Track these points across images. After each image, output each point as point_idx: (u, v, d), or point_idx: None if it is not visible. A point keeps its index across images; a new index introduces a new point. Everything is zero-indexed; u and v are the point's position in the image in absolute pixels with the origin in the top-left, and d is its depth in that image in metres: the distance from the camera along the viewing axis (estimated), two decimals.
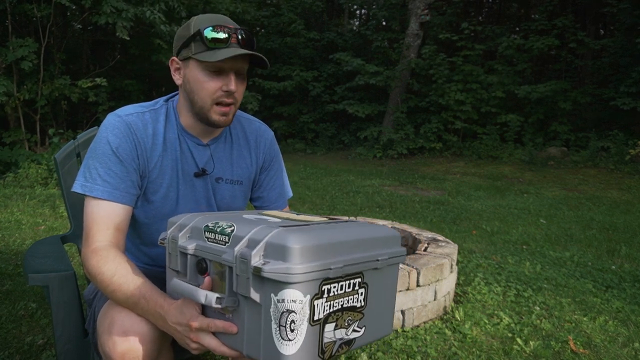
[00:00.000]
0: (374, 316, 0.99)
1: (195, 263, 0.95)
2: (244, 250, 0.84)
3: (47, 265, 1.32)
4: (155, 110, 1.24)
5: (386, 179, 7.73)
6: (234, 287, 0.86)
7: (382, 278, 1.00)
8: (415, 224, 4.46)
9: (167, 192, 1.23)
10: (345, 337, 0.93)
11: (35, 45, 6.45)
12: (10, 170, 6.10)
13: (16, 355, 1.89)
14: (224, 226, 0.92)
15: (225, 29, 1.12)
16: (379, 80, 11.00)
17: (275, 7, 14.02)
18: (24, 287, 2.55)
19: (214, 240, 0.92)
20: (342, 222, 1.04)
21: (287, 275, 0.80)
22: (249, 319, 0.87)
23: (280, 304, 0.82)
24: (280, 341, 0.83)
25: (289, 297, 0.81)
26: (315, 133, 12.72)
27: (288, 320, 0.82)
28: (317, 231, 0.90)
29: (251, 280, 0.83)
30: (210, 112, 1.17)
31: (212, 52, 1.12)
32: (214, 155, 1.28)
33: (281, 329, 0.82)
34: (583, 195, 6.38)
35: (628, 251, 3.76)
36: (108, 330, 1.01)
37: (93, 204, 1.12)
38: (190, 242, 0.96)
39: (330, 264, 0.86)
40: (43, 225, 3.89)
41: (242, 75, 1.18)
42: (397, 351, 2.03)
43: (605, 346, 2.16)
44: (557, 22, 10.59)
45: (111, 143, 1.14)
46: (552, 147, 9.72)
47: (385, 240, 1.01)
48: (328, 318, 0.88)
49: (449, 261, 2.45)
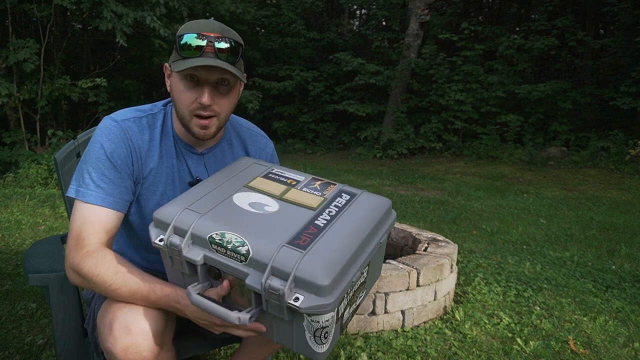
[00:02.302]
0: (370, 279, 1.08)
1: (207, 270, 0.96)
2: (273, 282, 0.86)
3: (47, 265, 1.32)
4: (153, 115, 1.22)
5: (386, 179, 7.73)
6: (264, 307, 0.89)
7: (380, 251, 1.07)
8: (415, 224, 4.46)
9: (161, 200, 1.21)
10: (354, 306, 1.02)
11: (36, 46, 6.45)
12: (11, 170, 6.10)
13: (16, 355, 1.89)
14: (235, 243, 0.91)
15: (203, 37, 1.06)
16: (379, 80, 11.00)
17: (275, 7, 14.02)
18: (24, 287, 2.55)
19: (225, 254, 0.92)
20: (345, 204, 1.04)
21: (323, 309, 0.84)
22: (279, 324, 0.92)
23: (314, 323, 0.88)
24: (315, 345, 0.91)
25: (323, 319, 0.88)
26: (315, 133, 12.71)
27: (322, 333, 0.90)
28: (336, 246, 0.91)
29: (285, 310, 0.87)
30: (190, 124, 1.14)
31: (183, 61, 1.07)
32: (207, 164, 1.27)
33: (316, 338, 0.90)
34: (583, 195, 6.38)
35: (628, 251, 3.76)
36: (109, 326, 1.01)
37: (84, 208, 1.10)
38: (195, 251, 0.95)
39: (352, 275, 0.91)
40: (43, 225, 3.89)
41: (225, 87, 1.13)
42: (397, 351, 2.03)
43: (605, 346, 2.16)
44: (557, 22, 10.59)
45: (105, 148, 1.12)
46: (552, 147, 9.72)
47: (384, 216, 1.05)
48: (346, 307, 0.96)
49: (449, 261, 2.45)
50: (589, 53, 11.46)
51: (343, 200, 1.06)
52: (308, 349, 0.92)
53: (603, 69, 11.26)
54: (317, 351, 0.92)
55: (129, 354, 0.98)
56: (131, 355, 0.98)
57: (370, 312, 2.19)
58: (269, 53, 13.17)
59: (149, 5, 7.03)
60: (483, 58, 11.16)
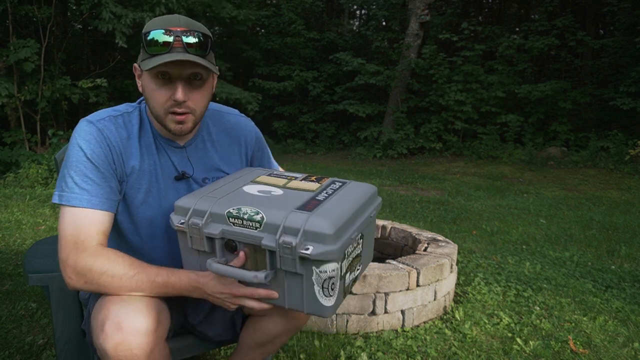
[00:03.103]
0: (365, 255, 1.26)
1: (224, 244, 1.08)
2: (286, 238, 1.00)
3: (47, 265, 1.33)
4: (128, 113, 1.20)
5: (386, 179, 7.73)
6: (278, 264, 1.03)
7: (370, 227, 1.25)
8: (415, 224, 4.46)
9: (146, 198, 1.20)
10: (353, 276, 1.18)
11: (36, 46, 6.45)
12: (11, 170, 6.10)
13: (16, 355, 1.89)
14: (250, 213, 1.05)
15: (170, 33, 1.04)
16: (379, 80, 11.00)
17: (275, 7, 14.02)
18: (24, 287, 2.56)
19: (241, 225, 1.05)
20: (339, 188, 1.22)
21: (330, 255, 1.00)
22: (290, 284, 1.06)
23: (322, 274, 1.03)
24: (323, 298, 1.05)
25: (330, 268, 1.03)
26: (315, 133, 12.71)
27: (329, 283, 1.05)
28: (337, 209, 1.08)
29: (297, 261, 1.01)
30: (166, 121, 1.13)
31: (151, 58, 1.05)
32: (191, 156, 1.26)
33: (324, 290, 1.05)
34: (583, 195, 6.38)
35: (628, 251, 3.77)
36: (101, 323, 1.01)
37: (73, 212, 1.08)
38: (214, 227, 1.07)
39: (351, 234, 1.07)
40: (43, 225, 3.89)
41: (198, 82, 1.11)
42: (397, 351, 2.04)
43: (605, 346, 2.16)
44: (557, 22, 10.59)
45: (84, 149, 1.11)
46: (552, 147, 9.72)
47: (372, 197, 1.25)
48: (347, 270, 1.11)
49: (449, 261, 2.45)
50: (588, 53, 11.47)
51: (336, 186, 1.24)
52: (317, 305, 1.06)
53: (603, 69, 11.26)
54: (325, 305, 1.05)
55: (119, 351, 0.98)
56: (122, 353, 0.98)
57: (370, 312, 2.19)
58: (269, 53, 13.17)
59: (148, 6, 7.03)
60: (483, 58, 11.16)
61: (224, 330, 1.37)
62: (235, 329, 1.39)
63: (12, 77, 6.66)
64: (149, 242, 1.24)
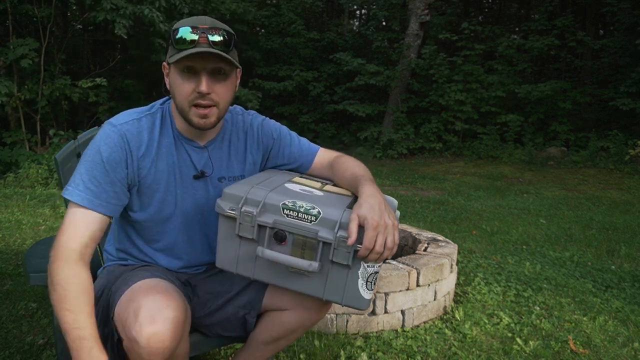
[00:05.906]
0: None
1: (274, 233, 1.13)
2: (343, 233, 1.09)
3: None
4: (151, 114, 1.25)
5: (386, 179, 7.73)
6: (330, 256, 1.11)
7: None
8: (415, 224, 4.46)
9: (165, 197, 1.25)
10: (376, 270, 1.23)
11: (35, 43, 6.45)
12: (11, 170, 6.10)
13: (17, 355, 1.89)
14: (307, 207, 1.12)
15: (196, 30, 1.12)
16: (379, 80, 10.99)
17: (275, 7, 14.01)
18: (24, 287, 2.56)
19: (296, 217, 1.12)
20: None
21: None
22: (334, 276, 1.13)
23: (369, 268, 1.13)
24: (365, 291, 1.14)
25: (376, 264, 1.13)
26: (316, 133, 12.71)
27: (373, 278, 1.14)
28: None
29: (351, 254, 1.10)
30: (190, 115, 1.18)
31: (178, 53, 1.12)
32: (212, 156, 1.30)
33: (367, 284, 1.14)
34: (583, 195, 6.38)
35: (628, 251, 3.77)
36: (134, 314, 1.03)
37: (73, 208, 1.14)
38: (267, 216, 1.13)
39: None
40: (43, 225, 3.89)
41: (221, 76, 1.17)
42: (397, 351, 2.04)
43: (604, 346, 2.16)
44: (557, 22, 10.59)
45: (102, 152, 1.17)
46: (552, 147, 9.72)
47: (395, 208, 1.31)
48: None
49: (449, 261, 2.45)
50: (588, 53, 11.47)
51: None
52: (356, 297, 1.13)
53: (603, 69, 11.26)
54: (365, 297, 1.14)
55: (152, 342, 1.00)
56: (154, 344, 1.00)
57: (370, 312, 2.19)
58: (269, 53, 13.17)
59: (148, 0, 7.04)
60: (483, 58, 11.16)
61: (234, 328, 1.38)
62: (246, 328, 1.39)
63: (12, 76, 6.66)
64: (162, 239, 1.30)
